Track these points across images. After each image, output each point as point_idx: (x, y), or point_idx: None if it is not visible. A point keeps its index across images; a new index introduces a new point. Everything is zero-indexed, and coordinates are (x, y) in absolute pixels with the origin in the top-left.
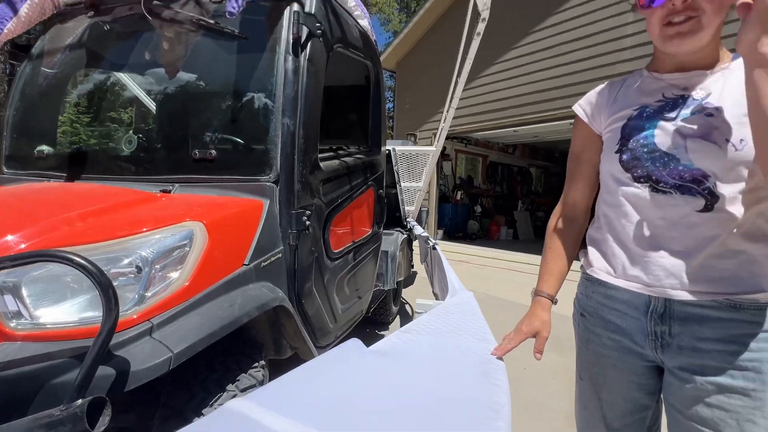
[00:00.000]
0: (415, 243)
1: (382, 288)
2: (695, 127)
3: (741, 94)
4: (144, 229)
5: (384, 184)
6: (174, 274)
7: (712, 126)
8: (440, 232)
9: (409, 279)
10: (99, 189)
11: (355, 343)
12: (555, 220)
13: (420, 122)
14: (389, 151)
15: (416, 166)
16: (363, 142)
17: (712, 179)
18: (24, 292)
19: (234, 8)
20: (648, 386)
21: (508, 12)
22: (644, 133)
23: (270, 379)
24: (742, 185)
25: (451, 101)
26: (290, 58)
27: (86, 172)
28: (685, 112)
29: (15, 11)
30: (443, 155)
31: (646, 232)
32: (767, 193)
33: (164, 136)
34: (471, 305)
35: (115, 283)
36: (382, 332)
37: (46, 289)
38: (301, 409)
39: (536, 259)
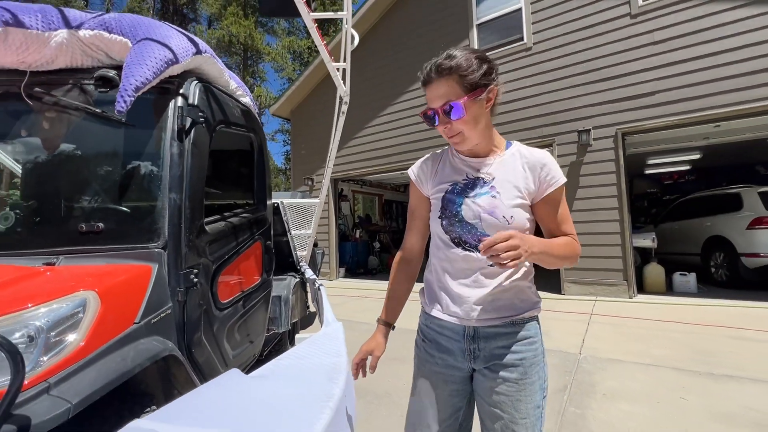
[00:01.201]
0: None
1: (276, 331)
2: (486, 205)
3: (510, 183)
4: (29, 305)
5: (272, 235)
6: (70, 337)
7: (495, 205)
8: (342, 270)
9: (307, 319)
10: None
11: (233, 371)
12: (396, 260)
13: (316, 167)
14: (278, 204)
15: (306, 215)
16: (251, 198)
17: None
18: None
19: (122, 108)
20: (463, 392)
21: (389, 74)
22: (455, 206)
23: None
24: None
25: (328, 162)
26: (175, 143)
27: None
28: (480, 191)
29: None
30: (341, 196)
31: (459, 278)
32: None
33: (49, 211)
34: (336, 333)
35: None
36: None
37: None
38: (197, 420)
39: None
